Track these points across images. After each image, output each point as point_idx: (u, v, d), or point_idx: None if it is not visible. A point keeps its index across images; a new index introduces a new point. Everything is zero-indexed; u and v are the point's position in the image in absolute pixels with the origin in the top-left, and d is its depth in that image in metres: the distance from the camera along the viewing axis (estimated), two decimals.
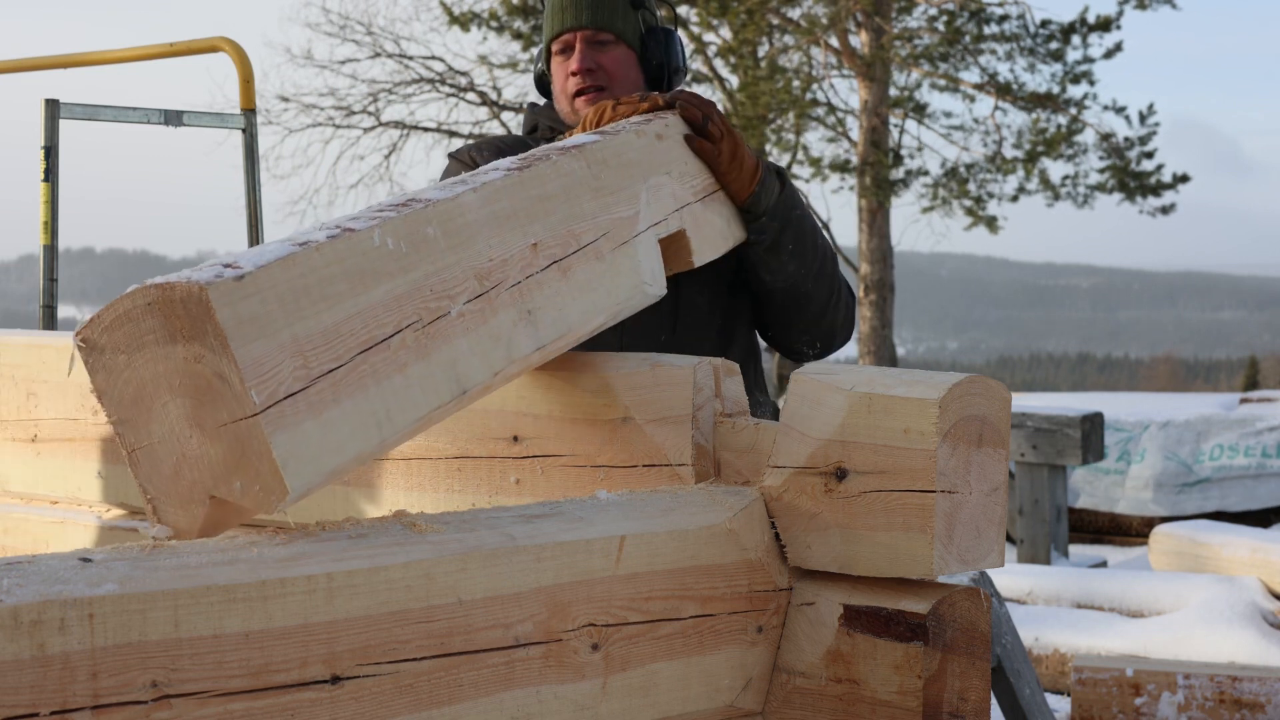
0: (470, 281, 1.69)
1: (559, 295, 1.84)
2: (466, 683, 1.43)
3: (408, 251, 1.61)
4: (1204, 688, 4.72)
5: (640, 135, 2.19)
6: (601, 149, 2.05)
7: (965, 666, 1.66)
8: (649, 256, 2.06)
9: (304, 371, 1.44)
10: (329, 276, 1.52)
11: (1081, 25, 17.63)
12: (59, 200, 3.99)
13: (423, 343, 1.60)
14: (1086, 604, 6.07)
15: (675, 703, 1.61)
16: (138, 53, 4.29)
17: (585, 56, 2.66)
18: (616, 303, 1.95)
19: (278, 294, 1.45)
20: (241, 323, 1.39)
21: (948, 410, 1.62)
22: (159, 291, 1.40)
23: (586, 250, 1.91)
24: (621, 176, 2.06)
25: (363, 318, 1.53)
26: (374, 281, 1.56)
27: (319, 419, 1.45)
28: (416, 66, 20.01)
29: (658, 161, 2.20)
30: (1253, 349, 68.23)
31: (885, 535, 1.64)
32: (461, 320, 1.66)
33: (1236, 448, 9.68)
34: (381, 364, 1.54)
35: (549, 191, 1.89)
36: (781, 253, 2.51)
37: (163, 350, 1.41)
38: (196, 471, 1.42)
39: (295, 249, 1.50)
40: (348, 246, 1.55)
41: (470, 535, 1.47)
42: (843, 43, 17.71)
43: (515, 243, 1.78)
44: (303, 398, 1.44)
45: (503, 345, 1.72)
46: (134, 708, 1.22)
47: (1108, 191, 17.89)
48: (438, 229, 1.67)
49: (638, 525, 1.59)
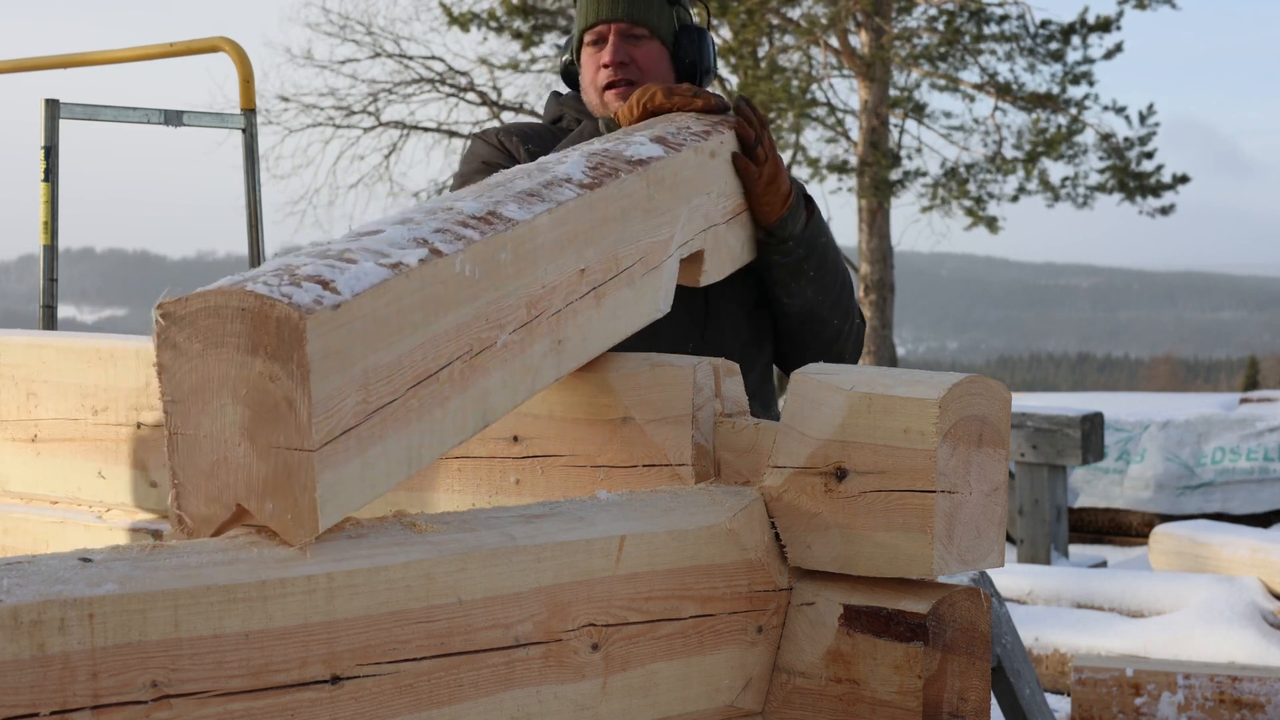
0: (520, 309, 1.65)
1: (588, 323, 1.79)
2: (466, 683, 1.43)
3: (480, 278, 1.57)
4: (1204, 688, 4.72)
5: (698, 153, 2.13)
6: (661, 168, 1.99)
7: (965, 666, 1.66)
8: (670, 279, 2.01)
9: (363, 406, 1.41)
10: (410, 305, 1.48)
11: (1081, 25, 17.63)
12: (59, 200, 3.99)
13: (466, 375, 1.56)
14: (1086, 604, 6.07)
15: (675, 703, 1.61)
16: (138, 53, 4.29)
17: (618, 49, 2.60)
18: (629, 329, 1.90)
19: (364, 325, 1.41)
20: (327, 356, 1.37)
21: (948, 410, 1.62)
22: (257, 303, 1.36)
23: (622, 276, 1.87)
24: (672, 197, 2.01)
25: (425, 349, 1.49)
26: (444, 310, 1.52)
27: (364, 456, 1.42)
28: (416, 66, 20.01)
29: (704, 181, 2.15)
30: (1253, 349, 68.22)
31: (885, 535, 1.64)
32: (504, 351, 1.62)
33: (1238, 450, 9.67)
34: (429, 397, 1.50)
35: (610, 214, 1.84)
36: (802, 277, 2.49)
37: (240, 357, 1.37)
38: (233, 478, 1.40)
39: (389, 274, 1.45)
40: (434, 272, 1.51)
41: (470, 535, 1.47)
42: (842, 43, 17.71)
43: (569, 267, 1.74)
44: (355, 434, 1.41)
45: (530, 377, 1.68)
46: (134, 708, 1.22)
47: (1108, 192, 17.89)
48: (510, 253, 1.63)
49: (638, 525, 1.59)
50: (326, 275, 1.41)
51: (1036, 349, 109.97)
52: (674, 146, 2.07)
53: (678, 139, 2.11)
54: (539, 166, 1.87)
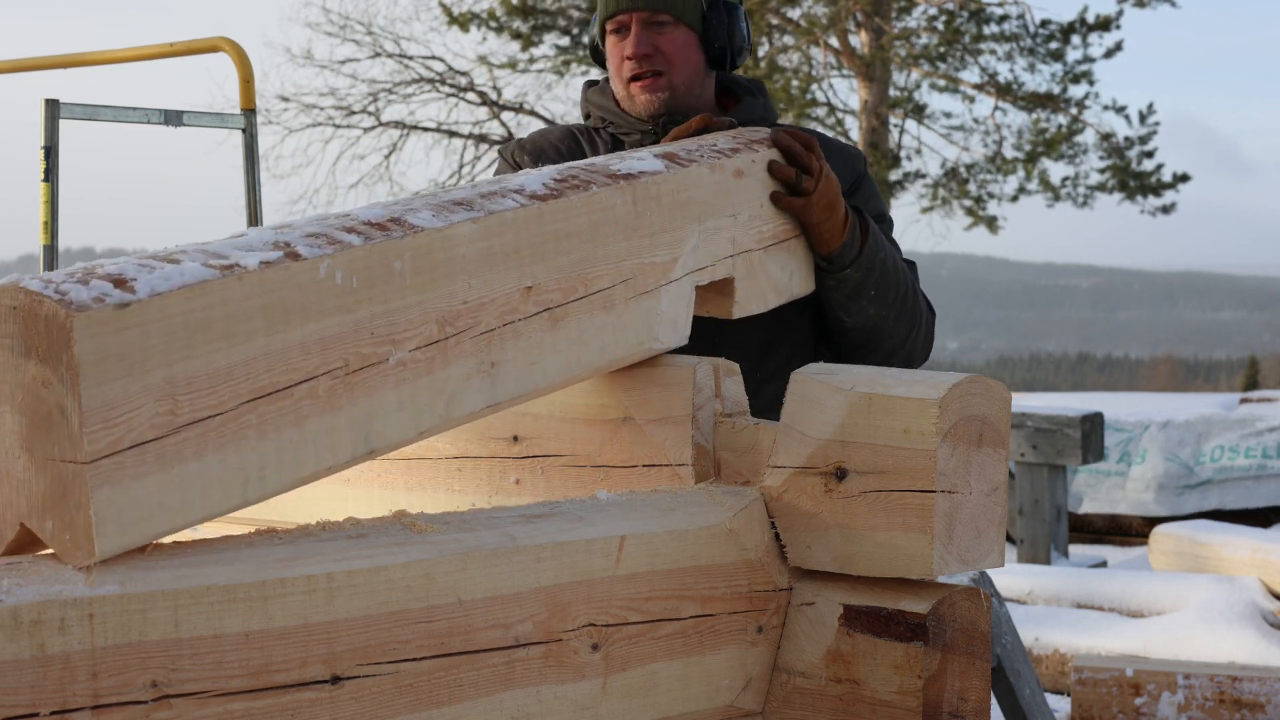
0: (428, 326, 1.52)
1: (537, 347, 1.66)
2: (466, 683, 1.43)
3: (358, 288, 1.45)
4: (1204, 688, 4.72)
5: (714, 170, 1.97)
6: (658, 183, 1.84)
7: (965, 666, 1.66)
8: (674, 306, 1.86)
9: (168, 418, 1.29)
10: (245, 311, 1.35)
11: (1081, 24, 17.64)
12: (59, 200, 3.99)
13: (338, 393, 1.42)
14: (1086, 604, 6.07)
15: (675, 703, 1.61)
16: (138, 53, 4.29)
17: (641, 40, 2.46)
18: (609, 359, 1.77)
19: (167, 328, 1.29)
20: (104, 359, 1.25)
21: (948, 410, 1.62)
22: (27, 300, 1.25)
23: (593, 298, 1.73)
24: (671, 216, 1.86)
25: (271, 360, 1.36)
26: (301, 319, 1.39)
27: (167, 473, 1.29)
28: (416, 66, 20.02)
29: (724, 202, 1.99)
30: (1253, 349, 68.23)
31: (885, 535, 1.64)
32: (399, 370, 1.49)
33: (1237, 449, 9.68)
34: (274, 414, 1.37)
35: (571, 228, 1.70)
36: (862, 298, 2.36)
37: (15, 360, 1.27)
38: (15, 494, 1.29)
39: (214, 274, 1.33)
40: (282, 277, 1.38)
41: (470, 535, 1.47)
42: (842, 43, 17.71)
43: (505, 284, 1.61)
44: (154, 448, 1.28)
45: (442, 401, 1.54)
46: (134, 708, 1.22)
47: (1108, 191, 17.91)
48: (408, 263, 1.50)
49: (638, 525, 1.59)
50: (129, 274, 1.30)
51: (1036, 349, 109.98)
52: (681, 162, 1.93)
53: (690, 156, 1.97)
54: (499, 178, 1.77)
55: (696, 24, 2.47)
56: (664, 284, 1.84)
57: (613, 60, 2.52)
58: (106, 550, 1.26)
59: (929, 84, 18.48)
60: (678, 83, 2.47)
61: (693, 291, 1.90)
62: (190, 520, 1.32)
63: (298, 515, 1.71)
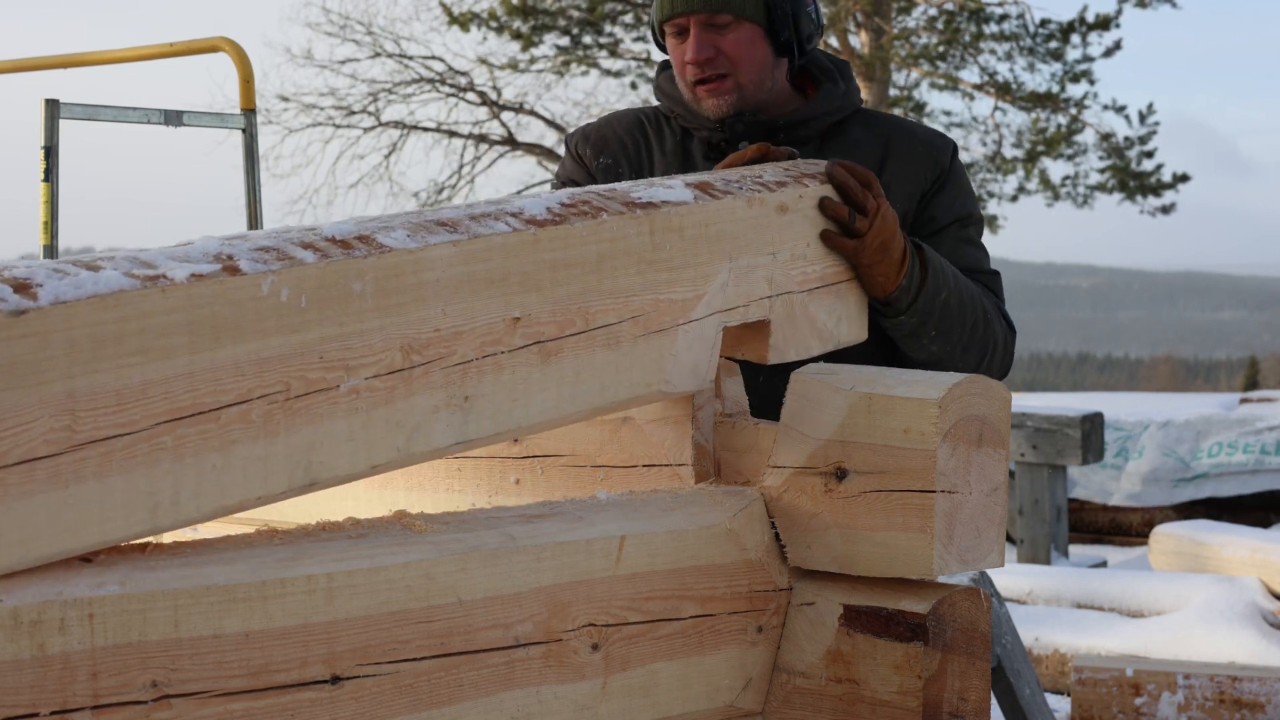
0: (390, 353, 1.42)
1: (522, 383, 1.54)
2: (466, 683, 1.43)
3: (306, 307, 1.35)
4: (1204, 688, 4.72)
5: (752, 204, 1.84)
6: (682, 214, 1.73)
7: (965, 666, 1.66)
8: (694, 348, 1.74)
9: (64, 435, 1.20)
10: (167, 326, 1.26)
11: (1081, 24, 17.64)
12: (59, 200, 3.99)
13: (275, 418, 1.33)
14: (1086, 604, 6.06)
15: (675, 703, 1.61)
16: (138, 53, 4.29)
17: (702, 45, 2.31)
18: (610, 400, 1.65)
19: (69, 338, 1.20)
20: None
21: (948, 410, 1.62)
22: None
23: (595, 334, 1.62)
24: (695, 251, 1.74)
25: (194, 379, 1.27)
26: (234, 338, 1.30)
27: (61, 492, 1.20)
28: (416, 66, 20.01)
29: (762, 239, 1.85)
30: (1253, 349, 68.23)
31: (885, 535, 1.64)
32: (351, 398, 1.39)
33: (1235, 445, 9.68)
34: (194, 437, 1.28)
35: (571, 257, 1.60)
36: (923, 338, 2.21)
37: None
38: None
39: (133, 285, 1.25)
40: (213, 291, 1.29)
41: (470, 535, 1.47)
42: (842, 43, 17.71)
43: (487, 313, 1.51)
44: (47, 465, 1.19)
45: (402, 434, 1.44)
46: (134, 708, 1.22)
47: (1108, 191, 17.91)
48: (370, 285, 1.40)
49: (638, 525, 1.59)
50: (37, 279, 1.22)
51: (1036, 349, 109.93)
52: (714, 194, 1.81)
53: (727, 187, 1.84)
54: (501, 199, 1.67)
55: (760, 16, 2.31)
56: (682, 323, 1.72)
57: (675, 61, 2.38)
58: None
59: (929, 83, 18.49)
60: (745, 82, 2.34)
61: (719, 333, 1.78)
62: (86, 543, 1.23)
63: (298, 515, 1.71)
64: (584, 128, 2.51)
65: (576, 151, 2.49)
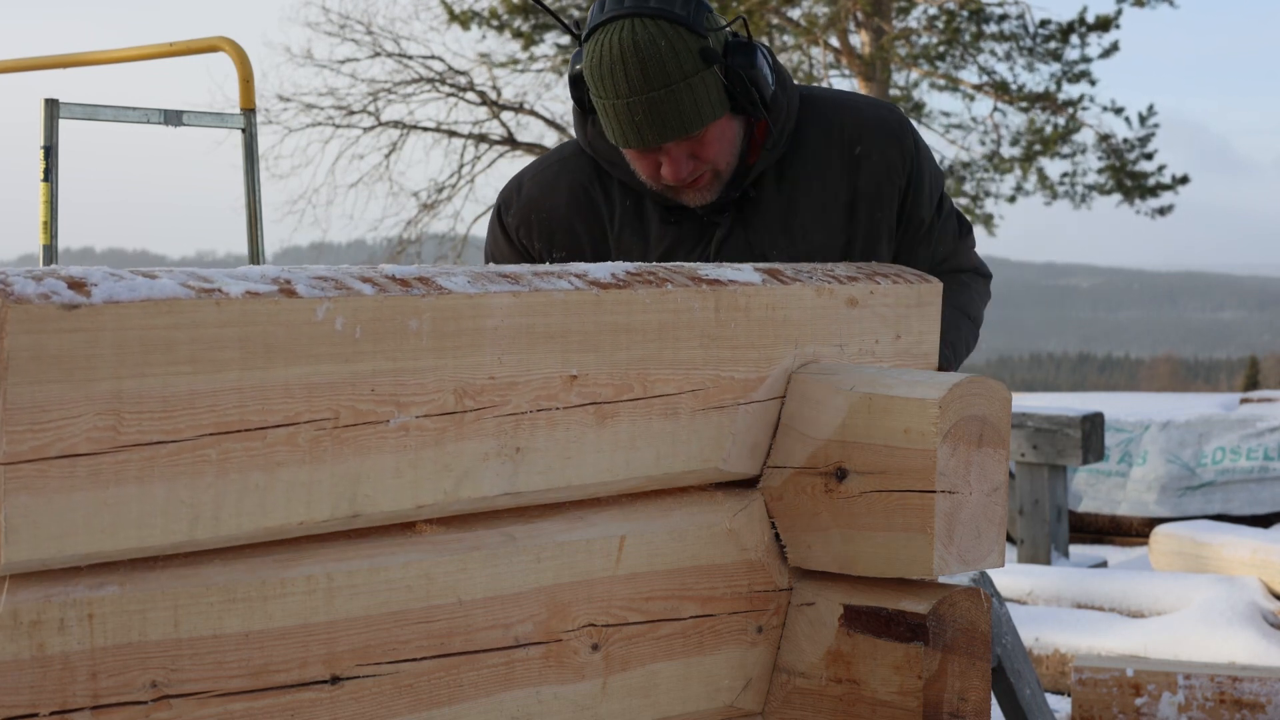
0: (443, 394, 1.42)
1: (576, 442, 1.53)
2: (466, 683, 1.43)
3: (361, 339, 1.35)
4: (1204, 688, 4.72)
5: (820, 294, 1.79)
6: (748, 294, 1.70)
7: (965, 666, 1.66)
8: (754, 429, 1.71)
9: (109, 434, 1.21)
10: (219, 339, 1.26)
11: (1080, 24, 17.65)
12: (59, 200, 3.99)
13: (322, 445, 1.33)
14: (1087, 604, 6.06)
15: (675, 703, 1.61)
16: (138, 53, 4.29)
17: (682, 166, 2.20)
18: (665, 471, 1.62)
19: (120, 339, 1.21)
20: (40, 358, 1.17)
21: (948, 410, 1.62)
22: None
23: (654, 401, 1.60)
24: (761, 333, 1.71)
25: (243, 395, 1.28)
26: (286, 360, 1.31)
27: (100, 493, 1.21)
28: (416, 66, 20.02)
29: (829, 329, 1.81)
30: (1253, 349, 68.22)
31: (885, 535, 1.64)
32: (400, 434, 1.39)
33: (1239, 450, 9.67)
34: (239, 454, 1.28)
35: (634, 322, 1.58)
36: None
37: None
38: None
39: (186, 293, 1.26)
40: (269, 311, 1.30)
41: (470, 535, 1.47)
42: (842, 42, 17.72)
43: (544, 367, 1.49)
44: (87, 462, 1.20)
45: (450, 478, 1.43)
46: (134, 708, 1.22)
47: (1105, 192, 17.92)
48: (426, 324, 1.40)
49: (638, 525, 1.59)
50: (92, 279, 1.23)
51: (1036, 349, 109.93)
52: (783, 279, 1.78)
53: (796, 274, 1.82)
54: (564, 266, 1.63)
55: (724, 107, 2.19)
56: (743, 403, 1.69)
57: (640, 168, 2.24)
58: (15, 561, 1.18)
59: (928, 83, 18.50)
60: (723, 168, 2.24)
61: (776, 418, 1.74)
62: (122, 546, 1.23)
63: None
64: (521, 209, 2.35)
65: (520, 241, 2.35)
